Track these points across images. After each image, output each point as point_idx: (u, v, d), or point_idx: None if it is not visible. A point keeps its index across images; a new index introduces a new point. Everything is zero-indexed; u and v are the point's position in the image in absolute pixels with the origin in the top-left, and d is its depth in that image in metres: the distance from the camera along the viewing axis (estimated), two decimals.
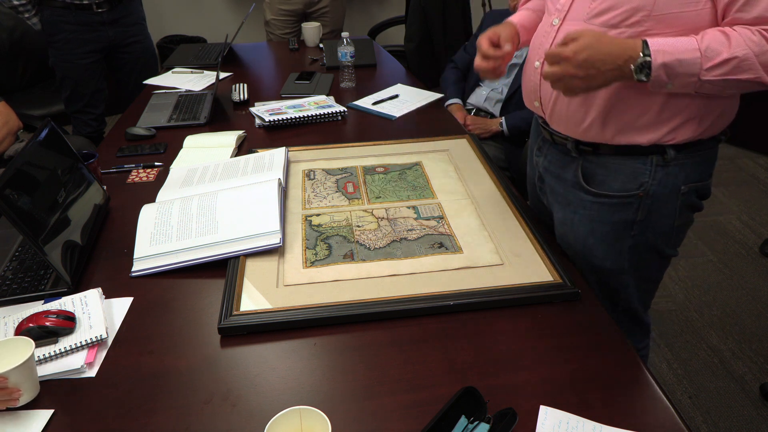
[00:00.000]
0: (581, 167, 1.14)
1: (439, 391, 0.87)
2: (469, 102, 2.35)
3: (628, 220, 1.12)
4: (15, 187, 1.05)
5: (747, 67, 0.90)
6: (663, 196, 1.09)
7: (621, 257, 1.16)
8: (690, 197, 1.11)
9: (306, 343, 0.98)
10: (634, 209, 1.11)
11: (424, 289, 1.06)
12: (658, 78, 0.93)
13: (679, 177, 1.08)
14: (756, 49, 0.89)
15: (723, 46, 0.90)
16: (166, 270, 1.15)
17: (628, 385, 0.88)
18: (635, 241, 1.14)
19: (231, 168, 1.48)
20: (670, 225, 1.13)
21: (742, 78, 0.91)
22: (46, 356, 0.93)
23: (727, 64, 0.90)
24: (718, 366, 1.98)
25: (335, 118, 1.91)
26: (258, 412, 0.85)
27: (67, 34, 2.47)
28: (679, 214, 1.12)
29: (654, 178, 1.08)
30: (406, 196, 1.39)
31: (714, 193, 1.04)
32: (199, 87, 2.22)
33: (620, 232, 1.14)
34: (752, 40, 0.89)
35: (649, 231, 1.13)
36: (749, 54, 0.89)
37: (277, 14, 3.09)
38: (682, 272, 2.45)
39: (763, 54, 0.90)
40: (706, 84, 0.93)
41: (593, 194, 1.14)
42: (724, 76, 0.91)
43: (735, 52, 0.90)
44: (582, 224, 1.17)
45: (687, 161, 1.07)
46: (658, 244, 1.15)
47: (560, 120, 1.13)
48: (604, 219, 1.14)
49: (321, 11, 3.10)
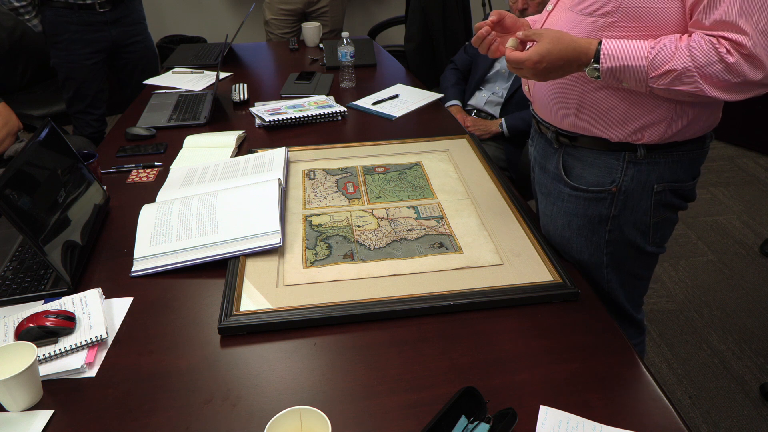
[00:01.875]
0: (562, 159, 1.16)
1: (439, 391, 0.87)
2: (470, 104, 2.35)
3: (603, 214, 1.13)
4: (15, 187, 1.05)
5: (687, 80, 0.91)
6: (636, 193, 1.10)
7: (598, 251, 1.17)
8: (665, 196, 1.11)
9: (306, 343, 0.98)
10: (607, 204, 1.12)
11: (423, 289, 1.06)
12: (608, 79, 0.98)
13: (652, 175, 1.09)
14: (702, 60, 0.89)
15: (668, 57, 0.92)
16: (166, 270, 1.15)
17: (628, 385, 0.88)
18: (611, 236, 1.15)
19: (231, 168, 1.48)
20: (646, 222, 1.13)
21: (683, 90, 0.93)
22: (46, 356, 0.93)
23: (668, 75, 0.92)
24: (718, 366, 1.98)
25: (335, 118, 1.91)
26: (258, 412, 0.85)
27: (70, 34, 2.47)
28: (654, 212, 1.12)
29: (626, 174, 1.09)
30: (406, 196, 1.39)
31: (714, 193, 1.04)
32: (199, 87, 2.22)
33: (596, 226, 1.15)
34: (701, 50, 0.90)
35: (625, 227, 1.14)
36: (689, 67, 0.90)
37: (277, 14, 3.09)
38: (682, 272, 2.45)
39: (708, 66, 0.89)
40: (657, 90, 0.96)
41: (571, 187, 1.15)
42: (668, 86, 0.94)
43: (674, 64, 0.91)
44: (560, 216, 1.19)
45: (660, 160, 1.08)
46: (635, 240, 1.15)
47: (542, 105, 1.17)
48: (580, 212, 1.15)
49: (321, 11, 3.10)
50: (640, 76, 0.95)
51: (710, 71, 0.90)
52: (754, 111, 3.29)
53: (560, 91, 1.10)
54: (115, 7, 2.52)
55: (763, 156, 3.41)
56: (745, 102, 1.12)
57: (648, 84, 0.95)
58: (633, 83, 0.97)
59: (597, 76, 0.98)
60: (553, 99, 1.12)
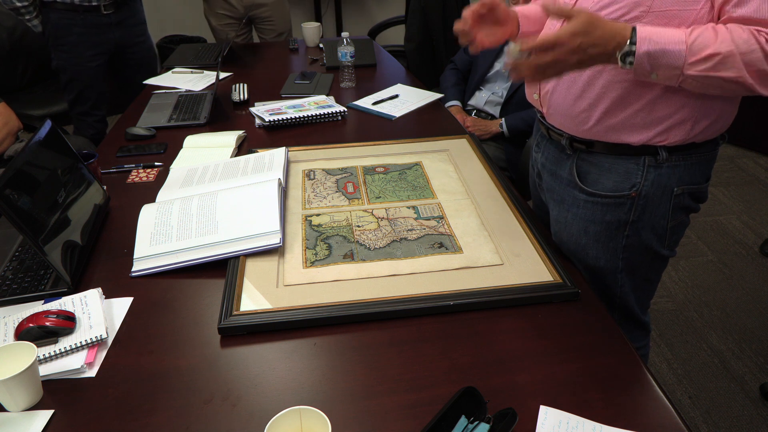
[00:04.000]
0: (576, 165, 1.14)
1: (439, 391, 0.87)
2: (470, 104, 2.35)
3: (621, 220, 1.12)
4: (15, 187, 1.05)
5: (730, 65, 0.89)
6: (655, 197, 1.09)
7: (615, 257, 1.16)
8: (684, 199, 1.11)
9: (306, 343, 0.98)
10: (626, 209, 1.11)
11: (423, 289, 1.06)
12: (641, 66, 0.92)
13: (672, 179, 1.08)
14: (743, 47, 0.88)
15: (710, 41, 0.89)
16: (166, 270, 1.15)
17: (628, 385, 0.88)
18: (629, 242, 1.14)
19: (231, 168, 1.48)
20: (663, 226, 1.12)
21: (724, 76, 0.90)
22: (46, 356, 0.93)
23: (710, 59, 0.89)
24: (718, 366, 1.98)
25: (335, 118, 1.91)
26: (258, 412, 0.85)
27: (75, 37, 2.47)
28: (672, 216, 1.12)
29: (646, 178, 1.08)
30: (406, 196, 1.39)
31: (714, 193, 1.04)
32: (199, 87, 2.22)
33: (613, 232, 1.14)
34: (741, 38, 0.88)
35: (643, 231, 1.13)
36: (733, 51, 0.88)
37: (221, 20, 3.03)
38: (682, 272, 2.45)
39: (749, 53, 0.88)
40: (689, 79, 0.92)
41: (587, 193, 1.14)
42: (706, 72, 0.90)
43: (719, 48, 0.88)
44: (575, 223, 1.17)
45: (680, 163, 1.07)
46: (652, 244, 1.14)
47: (556, 113, 1.13)
48: (597, 219, 1.14)
49: (264, 15, 3.06)
50: (677, 62, 0.90)
51: (750, 59, 0.88)
52: (754, 111, 3.29)
53: (581, 98, 1.06)
54: (118, 9, 2.52)
55: (763, 156, 3.41)
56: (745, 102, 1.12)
57: (683, 72, 0.91)
58: (665, 72, 0.92)
59: (630, 62, 0.91)
60: (572, 106, 1.08)
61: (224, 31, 3.04)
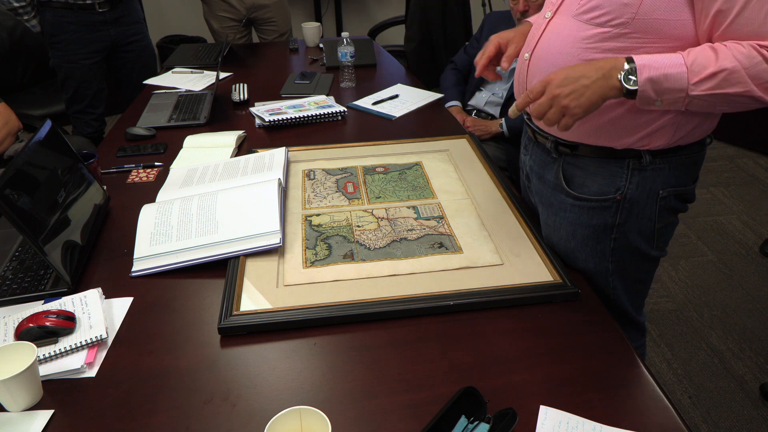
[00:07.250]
0: (562, 168, 1.14)
1: (439, 391, 0.87)
2: (470, 104, 2.35)
3: (608, 223, 1.12)
4: (15, 187, 1.05)
5: (735, 80, 0.88)
6: (641, 200, 1.08)
7: (604, 260, 1.16)
8: (670, 201, 1.10)
9: (306, 343, 0.98)
10: (612, 213, 1.10)
11: (423, 289, 1.06)
12: (645, 93, 0.91)
13: (657, 182, 1.07)
14: (745, 61, 0.87)
15: (710, 60, 0.89)
16: (166, 270, 1.15)
17: (628, 385, 0.88)
18: (617, 245, 1.13)
19: (231, 168, 1.48)
20: (650, 228, 1.12)
21: (730, 92, 0.89)
22: (46, 356, 0.93)
23: (714, 77, 0.88)
24: (718, 366, 1.98)
25: (335, 118, 1.91)
26: (258, 412, 0.85)
27: (70, 34, 2.48)
28: (659, 218, 1.11)
29: (630, 182, 1.07)
30: (406, 196, 1.39)
31: (714, 193, 1.04)
32: (199, 87, 2.22)
33: (601, 235, 1.13)
34: (741, 53, 0.87)
35: (630, 234, 1.12)
36: (737, 66, 0.87)
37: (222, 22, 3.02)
38: (682, 272, 2.45)
39: (753, 66, 0.87)
40: (695, 100, 0.91)
41: (573, 197, 1.13)
42: (712, 91, 0.89)
43: (722, 64, 0.88)
44: (563, 227, 1.17)
45: (664, 166, 1.06)
46: (640, 246, 1.14)
47: None
48: (584, 222, 1.13)
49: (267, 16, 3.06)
50: (681, 84, 0.90)
51: (755, 72, 0.87)
52: (754, 111, 3.29)
53: None
54: (114, 7, 2.52)
55: (763, 156, 3.41)
56: None
57: (688, 93, 0.90)
58: (670, 96, 0.91)
59: (633, 91, 0.91)
60: None
61: (225, 33, 3.04)
